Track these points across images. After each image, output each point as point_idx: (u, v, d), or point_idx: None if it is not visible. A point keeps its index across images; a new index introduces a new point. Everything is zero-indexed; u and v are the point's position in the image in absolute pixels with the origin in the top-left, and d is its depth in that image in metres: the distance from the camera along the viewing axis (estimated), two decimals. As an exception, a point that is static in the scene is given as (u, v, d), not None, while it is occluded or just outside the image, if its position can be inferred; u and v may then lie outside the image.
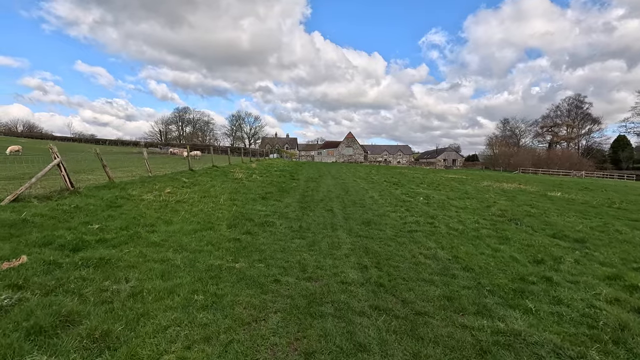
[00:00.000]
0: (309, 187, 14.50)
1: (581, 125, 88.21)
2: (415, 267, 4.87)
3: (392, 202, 11.07)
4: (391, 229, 7.22)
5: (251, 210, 8.44)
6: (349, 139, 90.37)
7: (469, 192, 15.09)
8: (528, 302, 3.77)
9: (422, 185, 17.00)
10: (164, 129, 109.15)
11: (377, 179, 19.95)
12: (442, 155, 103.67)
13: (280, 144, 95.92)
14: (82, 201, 7.07)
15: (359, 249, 5.67)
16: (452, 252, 5.65)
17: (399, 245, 6.02)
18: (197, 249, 5.10)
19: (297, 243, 5.90)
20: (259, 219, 7.54)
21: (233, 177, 14.80)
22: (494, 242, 6.38)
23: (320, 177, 19.70)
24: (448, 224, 7.83)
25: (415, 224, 7.81)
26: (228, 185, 12.17)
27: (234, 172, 16.89)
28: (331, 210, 9.21)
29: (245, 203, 9.32)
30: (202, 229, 6.28)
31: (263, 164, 26.91)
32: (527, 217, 9.19)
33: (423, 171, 34.44)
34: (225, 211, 7.96)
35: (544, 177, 42.00)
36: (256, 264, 4.69)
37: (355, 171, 28.58)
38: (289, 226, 7.11)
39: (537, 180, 27.73)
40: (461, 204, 11.26)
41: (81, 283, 3.59)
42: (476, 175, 31.86)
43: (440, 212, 9.52)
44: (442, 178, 23.74)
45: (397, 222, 7.94)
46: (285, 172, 22.18)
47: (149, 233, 5.70)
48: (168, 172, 14.34)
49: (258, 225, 6.95)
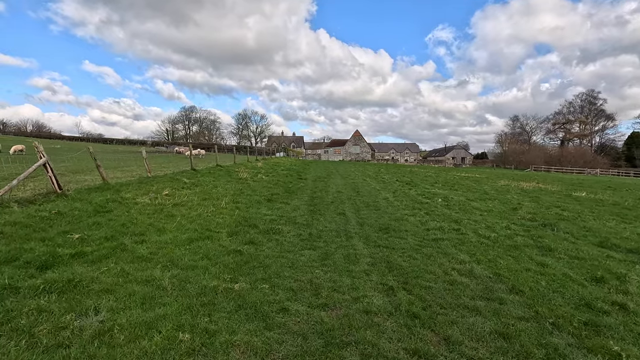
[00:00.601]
0: (317, 187, 13.68)
1: (594, 121, 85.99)
2: (451, 288, 4.02)
3: (409, 204, 10.20)
4: (413, 237, 6.37)
5: (256, 214, 7.66)
6: (356, 137, 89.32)
7: (488, 192, 14.13)
8: (611, 342, 2.91)
9: (436, 185, 16.07)
10: (171, 128, 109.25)
11: (388, 179, 19.05)
12: (451, 154, 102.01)
13: (286, 142, 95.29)
14: (67, 206, 6.34)
15: (380, 263, 4.83)
16: (491, 267, 4.79)
17: (426, 257, 5.17)
18: (191, 265, 4.32)
19: (307, 255, 5.08)
20: (264, 225, 6.75)
21: (237, 177, 14.05)
22: (536, 254, 5.49)
23: (328, 177, 18.88)
24: (476, 231, 6.94)
25: (439, 230, 6.94)
26: (232, 186, 11.41)
27: (238, 171, 16.15)
28: (343, 213, 8.38)
29: (250, 206, 8.54)
30: (199, 237, 5.50)
31: (269, 163, 26.18)
32: (561, 221, 8.25)
33: (434, 170, 33.39)
34: (227, 216, 7.19)
35: (559, 175, 40.59)
36: (259, 285, 3.89)
37: (364, 170, 27.68)
38: (298, 233, 6.30)
39: (555, 179, 26.53)
40: (484, 206, 10.34)
41: (36, 317, 2.82)
42: (490, 173, 30.73)
43: (463, 215, 8.63)
44: (456, 177, 22.73)
45: (418, 229, 7.08)
46: (292, 171, 21.40)
47: (136, 244, 4.93)
48: (170, 172, 13.65)
49: (263, 233, 6.16)
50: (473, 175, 25.52)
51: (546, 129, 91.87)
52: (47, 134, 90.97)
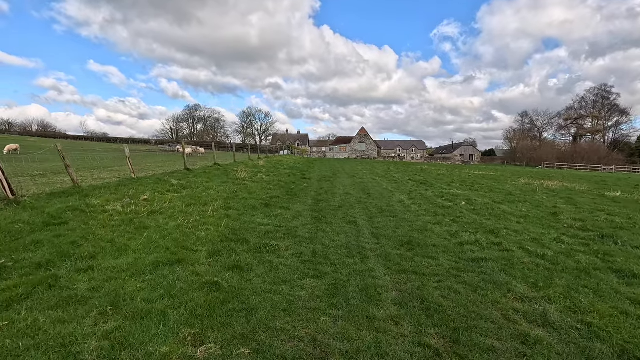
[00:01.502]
0: (322, 188, 12.32)
1: (608, 117, 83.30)
2: (528, 354, 2.65)
3: (429, 208, 8.79)
4: (446, 256, 4.98)
5: (248, 224, 6.33)
6: (362, 134, 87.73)
7: (512, 192, 12.65)
8: None
9: (453, 185, 14.61)
10: (175, 127, 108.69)
11: (399, 178, 17.61)
12: (459, 150, 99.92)
13: (291, 140, 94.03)
14: (10, 217, 5.06)
15: (412, 301, 3.47)
16: (570, 308, 3.39)
17: (472, 290, 3.79)
18: (142, 310, 3.00)
19: (309, 288, 3.73)
20: (257, 238, 5.42)
21: (235, 177, 12.74)
22: (618, 282, 4.07)
23: (334, 176, 17.50)
24: (523, 246, 5.53)
25: (476, 245, 5.54)
26: (226, 188, 10.10)
27: (237, 170, 14.85)
28: (354, 222, 7.02)
29: (243, 213, 7.21)
30: (168, 261, 4.18)
31: (272, 162, 24.88)
32: (619, 230, 6.80)
33: (446, 167, 31.82)
34: (212, 227, 5.86)
35: (576, 172, 38.73)
36: (235, 349, 2.56)
37: (372, 168, 26.23)
38: (298, 252, 4.95)
39: (575, 177, 24.86)
40: (516, 210, 8.91)
41: None
42: (504, 171, 29.09)
43: (497, 223, 7.21)
44: (471, 175, 21.22)
45: (448, 242, 5.69)
46: (296, 170, 20.07)
47: (77, 274, 3.63)
48: (161, 172, 12.40)
49: (253, 251, 4.82)
50: (488, 173, 23.97)
51: (557, 124, 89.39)
52: (51, 134, 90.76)
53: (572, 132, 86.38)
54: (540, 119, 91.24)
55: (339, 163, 35.04)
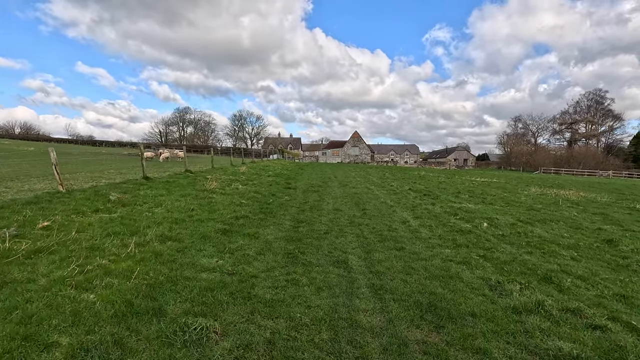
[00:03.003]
0: (307, 202, 10.16)
1: (601, 122, 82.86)
2: None
3: (444, 233, 6.68)
4: (500, 343, 2.86)
5: (184, 269, 4.13)
6: (355, 138, 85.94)
7: (534, 207, 10.65)
8: None
9: (461, 196, 12.57)
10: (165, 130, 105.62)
11: (397, 187, 15.53)
12: (453, 155, 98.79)
13: (283, 144, 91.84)
14: None
15: None
16: None
17: None
18: None
19: None
20: (181, 307, 3.23)
21: (202, 188, 10.52)
22: None
23: (324, 185, 15.36)
24: (617, 315, 3.44)
25: (542, 314, 3.42)
26: (182, 204, 7.88)
27: (209, 179, 12.64)
28: (344, 262, 4.86)
29: (186, 247, 5.01)
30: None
31: (256, 167, 22.67)
32: None
33: (445, 173, 29.90)
34: (119, 280, 3.65)
35: (575, 178, 37.21)
36: None
37: (366, 174, 24.13)
38: (243, 343, 2.77)
39: (584, 184, 23.09)
40: (553, 234, 6.86)
41: None
42: (507, 177, 27.25)
43: (545, 260, 5.13)
44: (475, 183, 19.24)
45: (493, 308, 3.56)
46: (281, 177, 17.89)
47: None
48: (105, 183, 10.15)
49: (158, 346, 2.63)
50: (492, 180, 22.08)
51: (552, 129, 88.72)
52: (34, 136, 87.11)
53: (567, 136, 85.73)
54: (535, 123, 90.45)
55: (330, 168, 32.94)
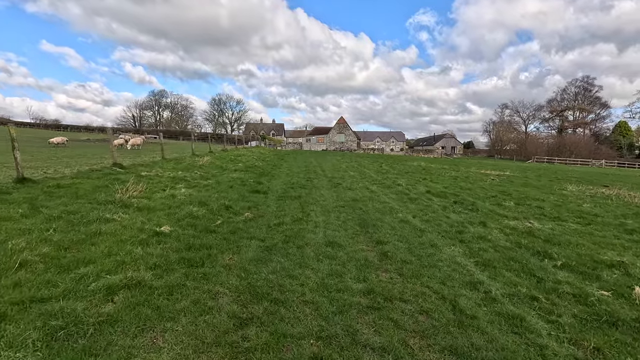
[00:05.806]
0: (281, 223, 6.16)
1: (590, 109, 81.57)
2: None
3: (574, 335, 2.87)
4: None
5: None
6: (341, 124, 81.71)
7: (588, 215, 7.03)
8: None
9: (506, 205, 8.85)
10: (138, 114, 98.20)
11: (406, 185, 11.65)
12: (440, 143, 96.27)
13: (265, 130, 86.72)
14: None
15: None
16: None
17: None
18: None
19: None
20: None
21: (109, 200, 6.33)
22: None
23: (308, 184, 11.35)
24: None
25: None
26: (48, 243, 3.73)
27: (145, 176, 8.46)
28: None
29: None
30: None
31: (226, 157, 18.38)
32: None
33: (447, 164, 26.40)
34: None
35: (580, 168, 34.65)
36: None
37: (360, 167, 20.16)
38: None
39: (598, 175, 20.02)
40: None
41: None
42: (520, 169, 23.98)
43: None
44: (494, 178, 15.65)
45: None
46: (254, 170, 13.76)
47: None
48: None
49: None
50: (504, 173, 18.68)
51: (541, 117, 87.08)
52: (-10, 119, 78.50)
53: (557, 124, 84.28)
54: (526, 110, 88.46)
55: (315, 157, 28.90)
